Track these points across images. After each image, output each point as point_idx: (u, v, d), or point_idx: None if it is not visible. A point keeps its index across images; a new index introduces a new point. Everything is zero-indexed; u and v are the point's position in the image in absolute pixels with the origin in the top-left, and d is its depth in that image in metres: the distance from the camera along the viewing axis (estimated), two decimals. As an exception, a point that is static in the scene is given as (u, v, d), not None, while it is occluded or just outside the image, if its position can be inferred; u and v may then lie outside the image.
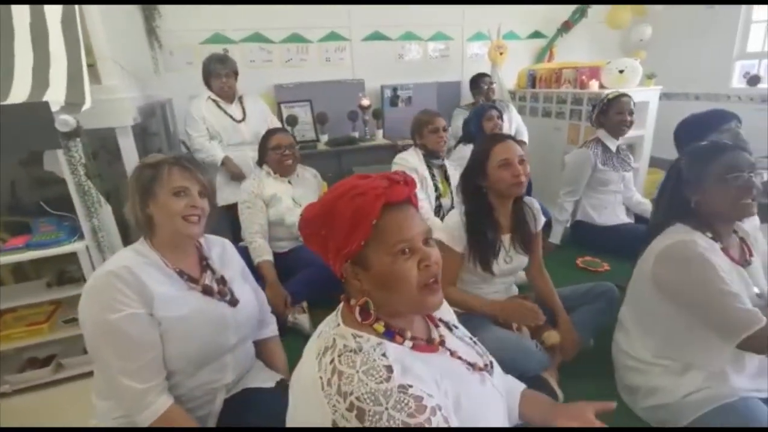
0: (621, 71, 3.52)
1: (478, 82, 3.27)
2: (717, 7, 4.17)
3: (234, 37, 3.84)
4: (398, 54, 4.38)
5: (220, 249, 1.25)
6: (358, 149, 3.76)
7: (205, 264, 1.17)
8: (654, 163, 4.22)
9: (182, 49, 3.65)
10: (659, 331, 1.23)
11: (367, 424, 0.62)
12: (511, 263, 1.54)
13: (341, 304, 0.81)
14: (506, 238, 1.54)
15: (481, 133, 2.61)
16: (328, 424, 0.64)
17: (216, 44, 3.79)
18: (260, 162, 2.11)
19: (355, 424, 0.62)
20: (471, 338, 0.93)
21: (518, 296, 1.55)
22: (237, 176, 2.56)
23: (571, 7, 4.55)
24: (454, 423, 0.69)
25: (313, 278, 1.92)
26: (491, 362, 0.90)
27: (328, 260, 0.77)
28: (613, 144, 2.63)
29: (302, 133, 3.98)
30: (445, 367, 0.76)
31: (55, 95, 1.82)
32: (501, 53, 4.10)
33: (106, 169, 2.79)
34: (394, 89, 4.24)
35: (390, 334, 0.74)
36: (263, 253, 1.88)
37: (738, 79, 4.30)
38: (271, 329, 1.40)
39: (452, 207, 2.10)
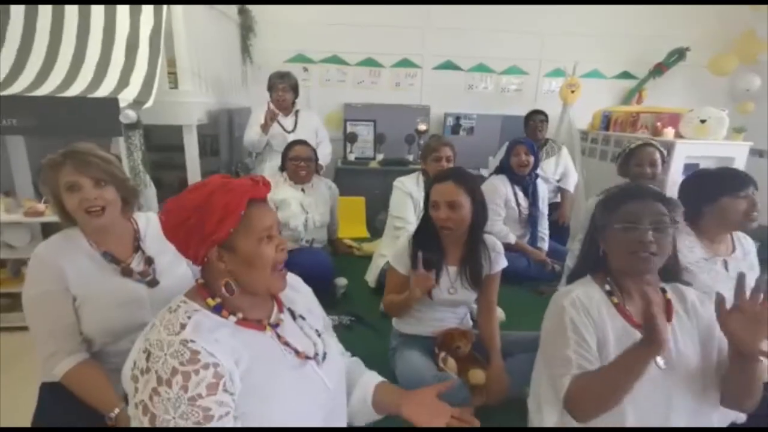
0: (703, 121, 3.18)
1: (528, 119, 3.20)
2: None
3: (314, 58, 4.25)
4: (468, 84, 4.43)
5: (146, 226, 1.34)
6: (407, 171, 3.87)
7: (137, 245, 1.30)
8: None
9: (269, 65, 4.12)
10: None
11: (150, 365, 0.75)
12: (455, 295, 1.53)
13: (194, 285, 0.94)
14: (453, 270, 1.53)
15: (508, 167, 2.57)
16: (135, 358, 0.79)
17: (298, 63, 4.24)
18: (282, 168, 2.35)
19: (143, 363, 0.76)
20: (317, 331, 1.01)
21: (455, 329, 1.52)
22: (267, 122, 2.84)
23: (666, 49, 4.19)
24: (234, 383, 0.78)
25: (306, 276, 2.06)
26: (324, 354, 0.97)
27: (189, 248, 0.90)
28: None
29: (362, 150, 4.23)
30: (254, 343, 0.86)
31: (130, 94, 2.25)
32: (573, 91, 3.93)
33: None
34: (457, 118, 4.30)
35: (218, 308, 0.86)
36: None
37: None
38: None
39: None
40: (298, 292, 1.09)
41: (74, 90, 2.23)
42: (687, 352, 1.06)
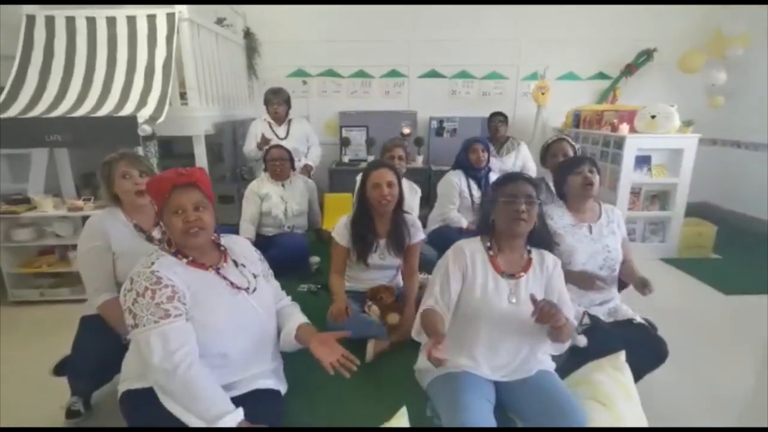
0: (653, 116, 3.49)
1: (489, 119, 3.59)
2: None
3: (312, 72, 4.78)
4: (451, 90, 4.85)
5: None
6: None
7: (157, 221, 1.74)
8: (693, 210, 3.92)
9: (272, 80, 4.68)
10: None
11: (132, 286, 1.21)
12: (385, 260, 1.97)
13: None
14: (382, 242, 1.97)
15: (467, 162, 2.98)
16: (125, 285, 1.25)
17: (298, 77, 4.78)
18: (265, 169, 2.85)
19: (128, 285, 1.22)
20: (254, 274, 1.44)
21: (383, 285, 1.97)
22: (260, 146, 3.26)
23: (636, 50, 4.48)
24: (186, 298, 1.22)
25: (285, 254, 2.54)
26: (255, 288, 1.40)
27: (157, 214, 1.38)
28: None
29: (355, 152, 4.72)
30: (200, 277, 1.30)
31: (147, 112, 2.81)
32: (543, 93, 4.29)
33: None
34: (441, 121, 4.73)
35: (176, 254, 1.33)
36: (245, 234, 2.59)
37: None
38: None
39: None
40: (243, 249, 1.53)
41: (104, 111, 2.81)
42: (528, 305, 1.46)
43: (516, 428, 1.44)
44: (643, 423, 1.45)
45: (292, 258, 2.60)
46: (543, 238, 1.59)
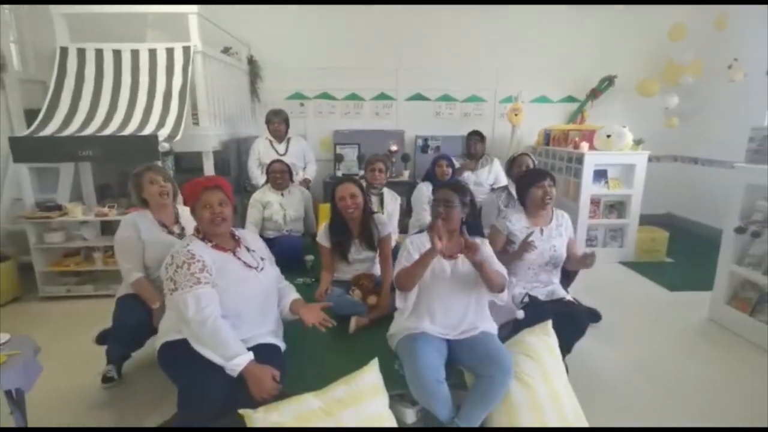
0: (608, 136, 3.97)
1: (467, 138, 4.06)
2: (748, 81, 4.26)
3: (309, 95, 5.27)
4: (435, 111, 5.35)
5: (182, 211, 2.32)
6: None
7: (176, 219, 2.29)
8: (658, 220, 4.40)
9: (273, 102, 5.16)
10: None
11: (173, 260, 1.63)
12: (361, 255, 2.42)
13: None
14: (357, 241, 2.42)
15: (433, 175, 3.44)
16: (167, 261, 1.69)
17: (296, 99, 5.27)
18: (267, 180, 3.30)
19: (169, 260, 1.65)
20: (261, 258, 1.86)
21: (363, 273, 2.40)
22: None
23: (599, 76, 5.01)
24: (212, 271, 1.63)
25: (284, 253, 2.94)
26: (262, 268, 1.82)
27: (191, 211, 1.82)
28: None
29: (348, 167, 5.17)
30: (222, 257, 1.72)
31: (166, 131, 3.26)
32: (516, 114, 4.78)
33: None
34: (425, 139, 5.21)
35: (203, 239, 1.76)
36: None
37: None
38: None
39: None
40: (253, 240, 1.96)
41: (128, 130, 3.26)
42: (465, 270, 1.89)
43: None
44: (563, 373, 1.86)
45: (290, 256, 3.01)
46: (477, 230, 2.06)
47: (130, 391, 2.21)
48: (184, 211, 2.32)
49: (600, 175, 4.05)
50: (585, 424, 1.79)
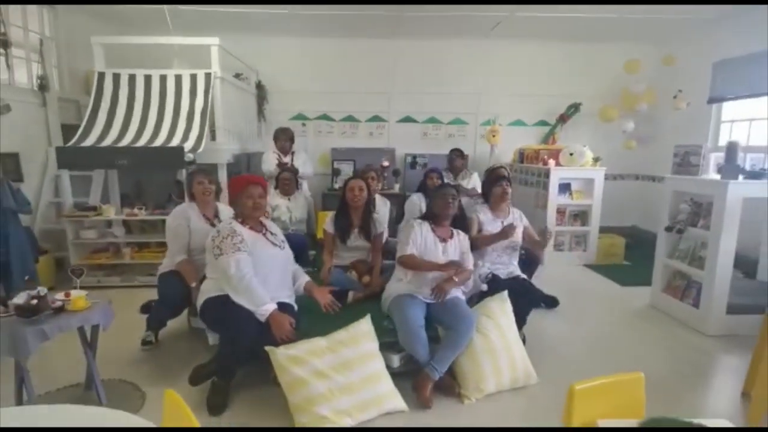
0: (571, 154, 4.60)
1: (450, 154, 4.66)
2: (692, 109, 4.94)
3: (310, 116, 5.88)
4: (423, 132, 5.99)
5: (223, 208, 2.87)
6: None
7: (215, 214, 2.79)
8: (624, 232, 5.00)
9: (278, 122, 5.72)
10: None
11: (220, 233, 2.14)
12: (358, 242, 2.92)
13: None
14: (356, 230, 2.93)
15: (425, 187, 4.00)
16: (212, 234, 2.21)
17: (298, 120, 5.87)
18: (276, 186, 3.84)
19: (215, 233, 2.17)
20: (282, 240, 2.40)
21: (360, 259, 2.92)
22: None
23: (567, 103, 5.69)
24: (247, 243, 2.15)
25: (293, 248, 3.46)
26: (283, 248, 2.36)
27: (231, 199, 2.35)
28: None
29: (344, 181, 5.71)
30: (254, 236, 2.22)
31: (189, 144, 3.80)
32: (494, 135, 5.41)
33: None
34: (414, 157, 5.82)
35: (242, 223, 2.27)
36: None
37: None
38: None
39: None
40: (275, 228, 2.49)
41: (157, 142, 3.80)
42: (453, 254, 2.43)
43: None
44: (514, 329, 2.39)
45: (296, 251, 3.46)
46: (461, 224, 2.60)
47: (165, 353, 2.68)
48: (224, 209, 2.86)
49: (565, 187, 4.65)
50: (530, 367, 2.32)
